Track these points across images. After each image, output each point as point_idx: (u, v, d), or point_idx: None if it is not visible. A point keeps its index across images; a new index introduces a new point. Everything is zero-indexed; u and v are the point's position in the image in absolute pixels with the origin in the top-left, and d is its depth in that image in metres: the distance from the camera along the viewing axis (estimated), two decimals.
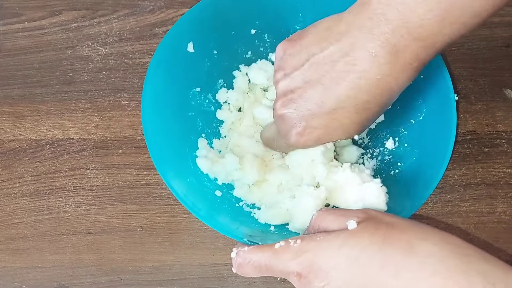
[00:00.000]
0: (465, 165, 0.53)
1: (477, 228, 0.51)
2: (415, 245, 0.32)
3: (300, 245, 0.35)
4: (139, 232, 0.51)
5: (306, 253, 0.35)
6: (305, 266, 0.34)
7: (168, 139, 0.47)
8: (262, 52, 0.54)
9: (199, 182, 0.47)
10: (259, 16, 0.52)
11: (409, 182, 0.46)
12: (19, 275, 0.50)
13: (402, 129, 0.50)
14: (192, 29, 0.50)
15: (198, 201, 0.44)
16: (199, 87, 0.51)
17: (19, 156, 0.54)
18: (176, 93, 0.49)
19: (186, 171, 0.47)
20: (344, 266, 0.33)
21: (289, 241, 0.36)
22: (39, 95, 0.56)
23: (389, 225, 0.34)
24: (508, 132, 0.54)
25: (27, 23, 0.59)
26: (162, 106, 0.48)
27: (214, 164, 0.48)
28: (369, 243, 0.33)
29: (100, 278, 0.50)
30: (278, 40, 0.53)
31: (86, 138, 0.54)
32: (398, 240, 0.33)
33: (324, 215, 0.37)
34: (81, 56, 0.57)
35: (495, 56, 0.56)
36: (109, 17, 0.59)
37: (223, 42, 0.52)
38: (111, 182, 0.53)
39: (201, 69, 0.52)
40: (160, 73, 0.48)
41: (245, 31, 0.53)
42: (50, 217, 0.52)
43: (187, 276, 0.50)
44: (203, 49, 0.51)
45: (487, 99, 0.55)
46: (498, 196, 0.52)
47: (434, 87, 0.48)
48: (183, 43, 0.50)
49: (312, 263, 0.34)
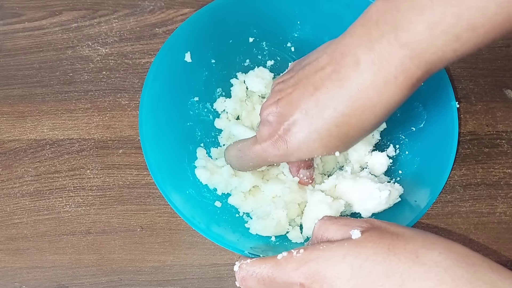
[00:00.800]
0: (465, 165, 0.53)
1: (477, 228, 0.51)
2: (421, 254, 0.32)
3: (303, 255, 0.35)
4: (139, 232, 0.51)
5: (310, 262, 0.34)
6: (308, 276, 0.34)
7: (166, 152, 0.47)
8: (260, 60, 0.54)
9: (198, 193, 0.47)
10: (256, 24, 0.52)
11: (410, 191, 0.46)
12: (19, 275, 0.50)
13: (402, 136, 0.50)
14: (189, 38, 0.50)
15: (197, 214, 0.44)
16: (197, 96, 0.52)
17: (19, 156, 0.54)
18: (174, 103, 0.50)
19: (185, 182, 0.47)
20: (348, 275, 0.33)
21: (292, 252, 0.35)
22: (39, 95, 0.56)
23: (394, 235, 0.34)
24: (508, 133, 0.54)
25: (27, 23, 0.59)
26: (160, 117, 0.48)
27: (213, 175, 0.48)
28: (373, 252, 0.33)
29: (100, 278, 0.50)
30: (276, 48, 0.54)
31: (86, 138, 0.54)
32: (403, 250, 0.32)
33: (327, 224, 0.37)
34: (81, 56, 0.57)
35: (495, 56, 0.56)
36: (109, 17, 0.59)
37: (220, 51, 0.52)
38: (111, 182, 0.53)
39: (199, 78, 0.52)
40: (158, 84, 0.48)
41: (243, 40, 0.53)
42: (50, 217, 0.52)
43: (187, 276, 0.50)
44: (200, 58, 0.51)
45: (487, 100, 0.55)
46: (498, 197, 0.52)
47: (435, 94, 0.47)
48: (180, 53, 0.50)
49: (316, 273, 0.34)
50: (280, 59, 0.54)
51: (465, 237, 0.50)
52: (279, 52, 0.54)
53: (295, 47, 0.54)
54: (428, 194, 0.44)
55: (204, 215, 0.45)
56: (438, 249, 0.32)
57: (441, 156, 0.45)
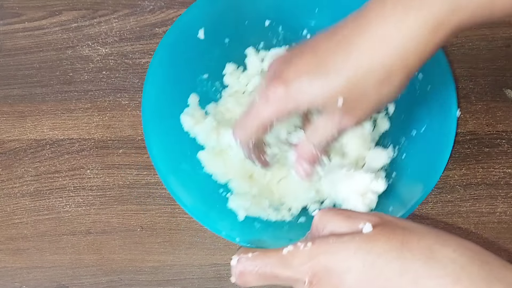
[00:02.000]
0: (465, 165, 0.53)
1: (477, 228, 0.51)
2: (436, 251, 0.31)
3: (311, 249, 0.33)
4: (139, 232, 0.51)
5: (318, 256, 0.33)
6: (317, 271, 0.32)
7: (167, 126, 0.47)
8: (274, 45, 0.53)
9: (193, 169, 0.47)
10: (274, 7, 0.51)
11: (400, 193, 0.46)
12: (19, 275, 0.50)
13: (404, 137, 0.50)
14: (204, 15, 0.49)
15: (196, 201, 0.44)
16: (207, 73, 0.51)
17: (19, 156, 0.54)
18: (181, 79, 0.49)
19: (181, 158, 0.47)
20: (360, 271, 0.31)
21: (298, 245, 0.34)
22: (39, 95, 0.56)
23: (405, 230, 0.33)
24: (508, 132, 0.54)
25: (27, 23, 0.59)
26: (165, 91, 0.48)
27: (197, 124, 0.48)
28: (386, 248, 0.32)
29: (100, 278, 0.50)
30: (292, 34, 0.52)
31: (86, 138, 0.54)
32: (417, 246, 0.32)
33: (329, 215, 0.35)
34: (81, 56, 0.57)
35: (496, 56, 0.56)
36: (109, 17, 0.59)
37: (235, 31, 0.51)
38: (111, 182, 0.53)
39: (211, 56, 0.51)
40: (167, 57, 0.47)
41: (259, 22, 0.52)
42: (50, 217, 0.52)
43: (187, 276, 0.50)
44: (214, 36, 0.50)
45: (488, 99, 0.55)
46: (499, 196, 0.52)
47: (439, 101, 0.47)
48: (194, 29, 0.49)
49: (325, 268, 0.32)
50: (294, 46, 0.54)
51: (465, 237, 0.50)
52: (294, 38, 0.53)
53: (311, 34, 0.53)
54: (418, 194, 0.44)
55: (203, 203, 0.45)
56: (452, 246, 0.32)
57: (433, 160, 0.45)
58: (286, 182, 0.49)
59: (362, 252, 0.32)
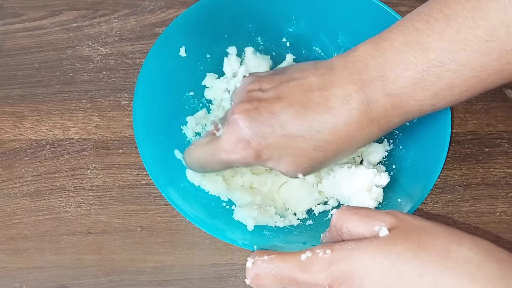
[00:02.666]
0: (465, 165, 0.53)
1: (478, 228, 0.51)
2: (452, 251, 0.32)
3: (331, 256, 0.34)
4: (139, 232, 0.51)
5: (338, 263, 0.33)
6: (337, 277, 0.33)
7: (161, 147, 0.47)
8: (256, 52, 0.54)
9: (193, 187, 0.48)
10: (251, 19, 0.52)
11: (404, 185, 0.46)
12: (19, 276, 0.50)
13: (397, 131, 0.50)
14: (183, 33, 0.50)
15: (192, 206, 0.45)
16: (192, 91, 0.52)
17: (19, 156, 0.54)
18: (168, 99, 0.50)
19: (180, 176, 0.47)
20: (379, 275, 0.32)
21: (316, 252, 0.34)
22: (40, 95, 0.56)
23: (420, 230, 0.33)
24: (508, 132, 0.54)
25: (27, 23, 0.59)
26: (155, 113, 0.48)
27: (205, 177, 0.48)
28: (403, 250, 0.32)
29: (101, 279, 0.50)
30: (272, 43, 0.54)
31: (87, 138, 0.54)
32: (433, 246, 0.32)
33: (346, 214, 0.36)
34: (81, 56, 0.57)
35: None
36: (109, 17, 0.59)
37: (215, 45, 0.52)
38: (111, 182, 0.53)
39: (194, 73, 0.52)
40: (151, 79, 0.48)
41: (238, 34, 0.52)
42: (50, 217, 0.52)
43: (187, 276, 0.50)
44: (195, 53, 0.51)
45: (488, 99, 0.55)
46: (499, 196, 0.52)
47: None
48: (175, 48, 0.50)
49: (345, 274, 0.33)
50: (275, 54, 0.54)
51: None
52: (275, 47, 0.54)
53: (290, 42, 0.54)
54: (422, 187, 0.44)
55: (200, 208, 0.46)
56: (468, 244, 0.32)
57: (434, 150, 0.46)
58: (287, 187, 0.49)
59: (380, 256, 0.32)
